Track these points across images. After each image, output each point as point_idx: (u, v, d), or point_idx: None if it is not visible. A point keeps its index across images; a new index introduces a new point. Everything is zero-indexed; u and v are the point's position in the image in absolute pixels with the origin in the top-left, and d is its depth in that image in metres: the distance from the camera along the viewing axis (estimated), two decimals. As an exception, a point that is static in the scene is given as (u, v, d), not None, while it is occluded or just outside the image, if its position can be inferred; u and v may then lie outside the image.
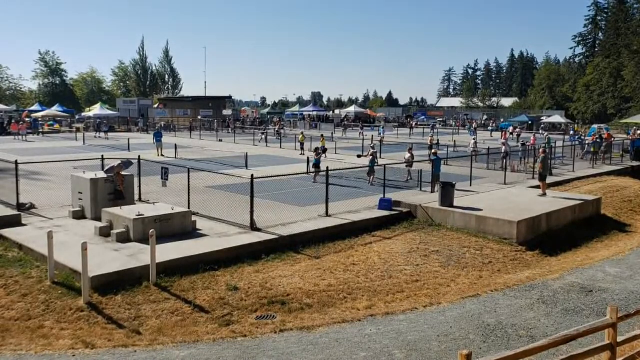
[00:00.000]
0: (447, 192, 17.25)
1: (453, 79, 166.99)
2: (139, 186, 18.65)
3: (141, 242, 12.90)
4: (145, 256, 11.59)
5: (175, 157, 32.49)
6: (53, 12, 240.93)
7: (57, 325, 9.55)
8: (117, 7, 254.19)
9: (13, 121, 53.36)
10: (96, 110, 66.30)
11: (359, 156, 27.26)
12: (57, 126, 60.04)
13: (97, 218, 15.00)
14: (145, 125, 60.75)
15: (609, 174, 27.84)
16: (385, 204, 17.69)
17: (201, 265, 12.09)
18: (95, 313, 9.96)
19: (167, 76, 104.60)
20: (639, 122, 60.11)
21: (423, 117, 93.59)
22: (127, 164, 16.90)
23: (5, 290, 10.78)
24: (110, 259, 11.87)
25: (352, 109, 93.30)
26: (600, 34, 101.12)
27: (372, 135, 44.61)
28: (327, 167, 17.98)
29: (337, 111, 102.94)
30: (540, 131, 60.18)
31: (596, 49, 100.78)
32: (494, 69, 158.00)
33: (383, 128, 54.23)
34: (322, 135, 36.34)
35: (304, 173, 23.61)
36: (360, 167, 23.30)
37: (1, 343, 8.87)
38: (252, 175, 15.07)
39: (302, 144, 36.35)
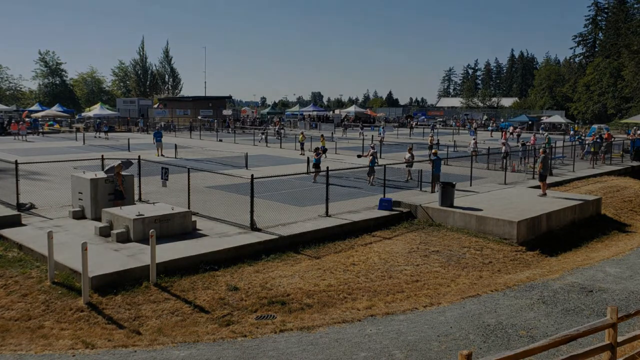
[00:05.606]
0: (447, 192, 17.24)
1: (453, 79, 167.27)
2: (139, 186, 18.65)
3: (141, 242, 12.91)
4: (145, 256, 11.60)
5: (175, 157, 32.48)
6: (53, 12, 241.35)
7: (57, 325, 9.55)
8: (117, 7, 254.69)
9: (13, 121, 53.32)
10: (96, 110, 66.34)
11: (359, 156, 27.25)
12: (57, 126, 60.04)
13: (97, 218, 15.01)
14: (145, 125, 60.74)
15: (609, 174, 27.86)
16: (385, 204, 17.69)
17: (201, 265, 12.10)
18: (95, 313, 9.95)
19: (167, 76, 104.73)
20: (639, 122, 60.16)
21: (423, 117, 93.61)
22: (127, 164, 16.90)
23: (5, 290, 10.78)
24: (110, 259, 11.87)
25: (352, 109, 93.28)
26: (600, 34, 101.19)
27: (372, 135, 44.62)
28: (327, 167, 17.97)
29: (337, 111, 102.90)
30: (540, 131, 60.18)
31: (596, 49, 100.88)
32: (494, 69, 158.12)
33: (383, 128, 54.13)
34: (322, 135, 36.34)
35: (304, 173, 23.62)
36: (360, 167, 23.29)
37: (1, 343, 8.87)
38: (252, 175, 15.06)
39: (302, 144, 36.37)
